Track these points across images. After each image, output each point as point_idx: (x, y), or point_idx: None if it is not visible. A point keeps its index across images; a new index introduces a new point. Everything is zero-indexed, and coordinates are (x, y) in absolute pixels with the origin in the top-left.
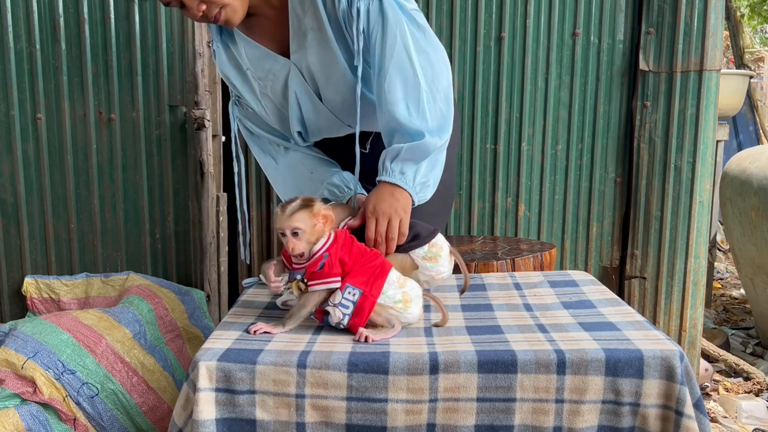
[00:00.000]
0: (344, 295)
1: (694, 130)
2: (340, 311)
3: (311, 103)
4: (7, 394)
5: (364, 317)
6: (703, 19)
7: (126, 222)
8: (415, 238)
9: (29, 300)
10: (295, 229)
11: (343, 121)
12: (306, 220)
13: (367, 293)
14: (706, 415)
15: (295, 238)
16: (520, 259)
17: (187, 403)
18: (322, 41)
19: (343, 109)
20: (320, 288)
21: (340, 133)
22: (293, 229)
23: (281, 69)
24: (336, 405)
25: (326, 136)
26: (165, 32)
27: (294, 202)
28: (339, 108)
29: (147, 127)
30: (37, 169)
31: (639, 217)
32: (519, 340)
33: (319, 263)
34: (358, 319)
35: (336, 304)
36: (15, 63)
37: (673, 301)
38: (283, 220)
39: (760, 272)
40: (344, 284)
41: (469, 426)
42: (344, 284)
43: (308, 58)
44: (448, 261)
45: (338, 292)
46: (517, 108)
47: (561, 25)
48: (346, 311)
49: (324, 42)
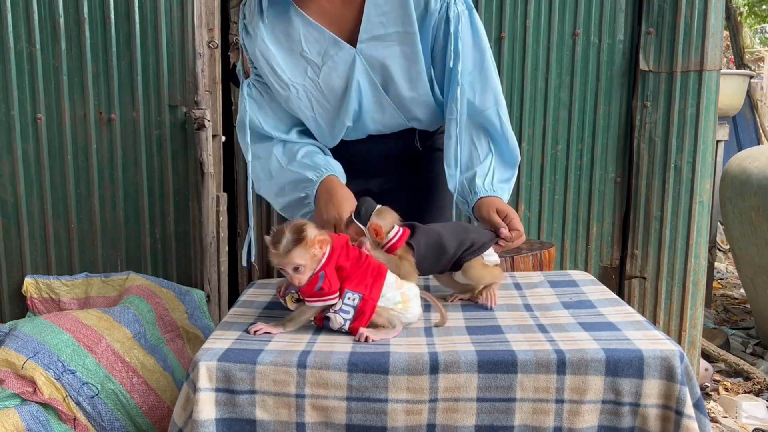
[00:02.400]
0: (344, 301)
1: (694, 130)
2: (341, 317)
3: (375, 97)
4: (7, 394)
5: (364, 321)
6: (703, 19)
7: (126, 222)
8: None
9: (29, 300)
10: (296, 266)
11: (407, 117)
12: (304, 254)
13: (367, 297)
14: (706, 415)
15: (296, 273)
16: (520, 257)
17: (187, 403)
18: (407, 37)
19: (411, 106)
20: (318, 305)
21: (393, 130)
22: (294, 266)
23: (344, 56)
24: (336, 405)
25: (375, 132)
26: (165, 32)
27: (283, 236)
28: (406, 105)
29: (147, 127)
30: (37, 169)
31: (639, 217)
32: (519, 340)
33: (315, 285)
34: (358, 323)
35: (337, 311)
36: (15, 63)
37: (673, 301)
38: (280, 257)
39: (760, 272)
40: (343, 290)
41: (469, 426)
42: (343, 290)
43: (383, 51)
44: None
45: (338, 301)
46: (517, 108)
47: (561, 25)
48: (346, 317)
49: (408, 38)
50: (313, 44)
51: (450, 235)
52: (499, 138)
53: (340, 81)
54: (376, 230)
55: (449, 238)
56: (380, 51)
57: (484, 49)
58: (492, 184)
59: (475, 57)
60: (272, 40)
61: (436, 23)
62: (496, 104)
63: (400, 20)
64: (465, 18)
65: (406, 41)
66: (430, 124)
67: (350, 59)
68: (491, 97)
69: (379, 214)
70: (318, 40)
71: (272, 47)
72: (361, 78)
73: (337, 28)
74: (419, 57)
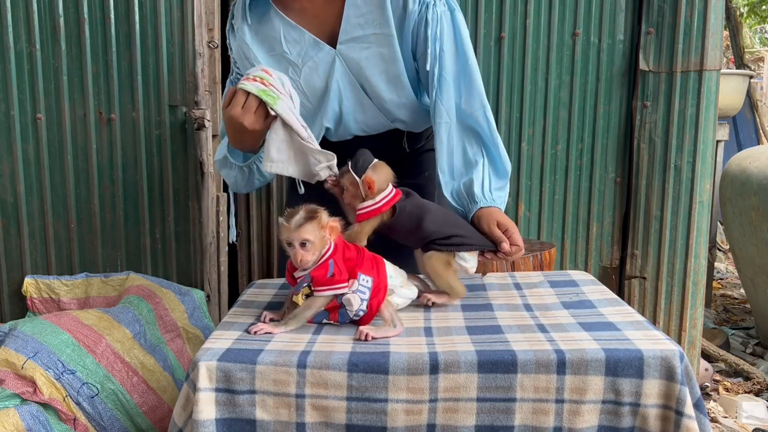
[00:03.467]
0: (360, 282)
1: (694, 130)
2: (359, 296)
3: (356, 98)
4: (7, 394)
5: (380, 299)
6: (703, 19)
7: (126, 222)
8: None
9: (29, 300)
10: (304, 241)
11: (389, 119)
12: (315, 231)
13: (378, 279)
14: (706, 415)
15: (303, 250)
16: (520, 258)
17: (187, 403)
18: (384, 38)
19: (392, 108)
20: (327, 294)
21: (378, 131)
22: (302, 241)
23: (324, 57)
24: (336, 405)
25: (359, 133)
26: (165, 32)
27: (298, 212)
28: (387, 106)
29: (147, 127)
30: (37, 169)
31: (639, 217)
32: (519, 340)
33: (327, 272)
34: (375, 301)
35: (355, 291)
36: (15, 63)
37: (673, 301)
38: (291, 231)
39: (760, 272)
40: (356, 273)
41: (469, 426)
42: (356, 273)
43: (361, 52)
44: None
45: (353, 281)
46: (517, 108)
47: (561, 25)
48: (363, 297)
49: (385, 39)
50: (293, 45)
51: (436, 217)
52: (489, 143)
53: (320, 82)
54: (369, 184)
55: (433, 220)
56: (358, 53)
57: (467, 51)
58: (491, 192)
59: (459, 60)
60: (254, 41)
61: (415, 25)
62: (482, 107)
63: (377, 22)
64: (446, 20)
65: (383, 43)
66: (415, 126)
67: (330, 60)
68: (477, 101)
69: (376, 168)
70: (298, 41)
71: (254, 47)
72: (341, 79)
73: (317, 29)
74: (397, 59)
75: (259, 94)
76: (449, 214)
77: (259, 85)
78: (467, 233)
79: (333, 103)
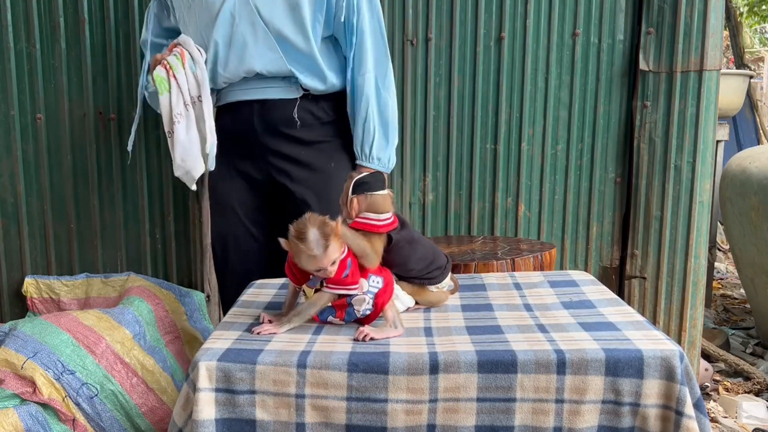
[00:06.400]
0: (370, 283)
1: (694, 130)
2: (368, 298)
3: (249, 19)
4: (7, 394)
5: (388, 297)
6: (703, 19)
7: (126, 222)
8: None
9: (29, 300)
10: (334, 261)
11: (283, 50)
12: (337, 246)
13: (386, 280)
14: (706, 415)
15: (332, 266)
16: (520, 259)
17: (187, 403)
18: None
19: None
20: (337, 292)
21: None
22: (333, 261)
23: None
24: (336, 405)
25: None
26: None
27: (310, 234)
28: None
29: (147, 127)
30: (37, 169)
31: (639, 217)
32: (519, 340)
33: (344, 271)
34: (383, 299)
35: (365, 292)
36: (15, 63)
37: (673, 301)
38: (320, 259)
39: (760, 272)
40: (366, 275)
41: (469, 426)
42: (366, 275)
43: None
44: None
45: (363, 281)
46: (517, 108)
47: (561, 25)
48: (372, 297)
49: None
50: None
51: (422, 255)
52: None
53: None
54: (353, 205)
55: (418, 260)
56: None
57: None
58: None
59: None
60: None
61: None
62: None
63: None
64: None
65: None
66: (309, 79)
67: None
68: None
69: (374, 197)
70: None
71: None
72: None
73: None
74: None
75: (156, 79)
76: (427, 246)
77: (163, 72)
78: (438, 262)
79: (225, 14)
